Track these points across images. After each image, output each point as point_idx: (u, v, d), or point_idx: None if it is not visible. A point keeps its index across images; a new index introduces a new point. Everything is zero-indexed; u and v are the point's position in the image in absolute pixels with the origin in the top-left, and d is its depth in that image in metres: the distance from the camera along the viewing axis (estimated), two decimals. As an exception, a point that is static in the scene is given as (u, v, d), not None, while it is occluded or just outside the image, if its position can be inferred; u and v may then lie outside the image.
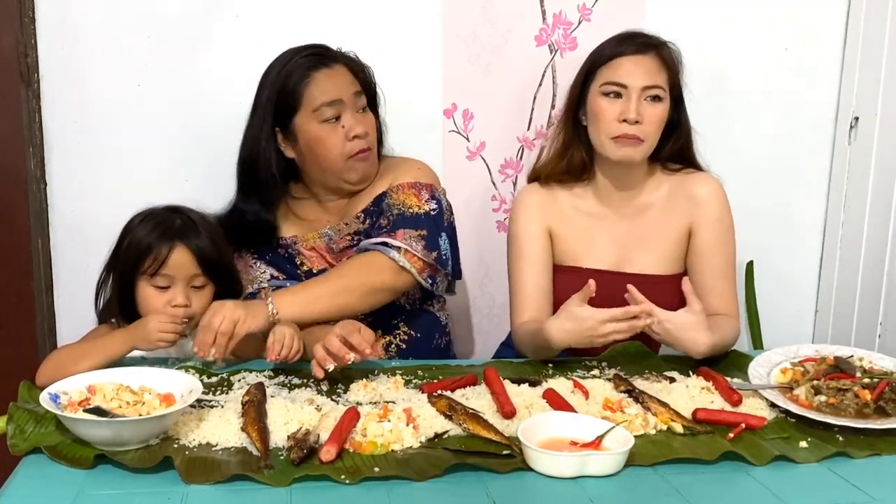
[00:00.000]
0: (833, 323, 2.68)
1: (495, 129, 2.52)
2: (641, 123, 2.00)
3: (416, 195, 2.05)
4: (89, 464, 1.38)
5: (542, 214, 2.13)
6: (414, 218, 2.02)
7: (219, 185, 2.33)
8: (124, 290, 1.86)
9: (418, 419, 1.53)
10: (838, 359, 1.75)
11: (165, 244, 1.83)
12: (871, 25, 2.50)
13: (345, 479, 1.36)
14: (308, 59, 2.02)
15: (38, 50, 2.28)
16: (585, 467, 1.39)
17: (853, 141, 2.58)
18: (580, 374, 1.84)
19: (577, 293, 1.85)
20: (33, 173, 2.31)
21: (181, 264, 1.84)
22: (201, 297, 1.88)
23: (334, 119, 2.00)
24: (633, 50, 2.03)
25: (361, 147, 2.02)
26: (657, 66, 2.04)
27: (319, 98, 1.99)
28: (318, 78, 2.00)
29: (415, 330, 2.07)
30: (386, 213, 2.04)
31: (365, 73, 2.10)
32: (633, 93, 2.00)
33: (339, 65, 2.03)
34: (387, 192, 2.07)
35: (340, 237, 2.08)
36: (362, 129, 2.01)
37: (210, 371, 1.80)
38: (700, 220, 2.08)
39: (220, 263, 1.90)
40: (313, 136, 2.01)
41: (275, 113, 2.04)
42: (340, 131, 2.00)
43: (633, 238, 2.12)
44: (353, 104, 2.02)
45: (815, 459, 1.48)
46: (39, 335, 2.38)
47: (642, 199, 2.13)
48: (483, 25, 2.45)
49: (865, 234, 2.53)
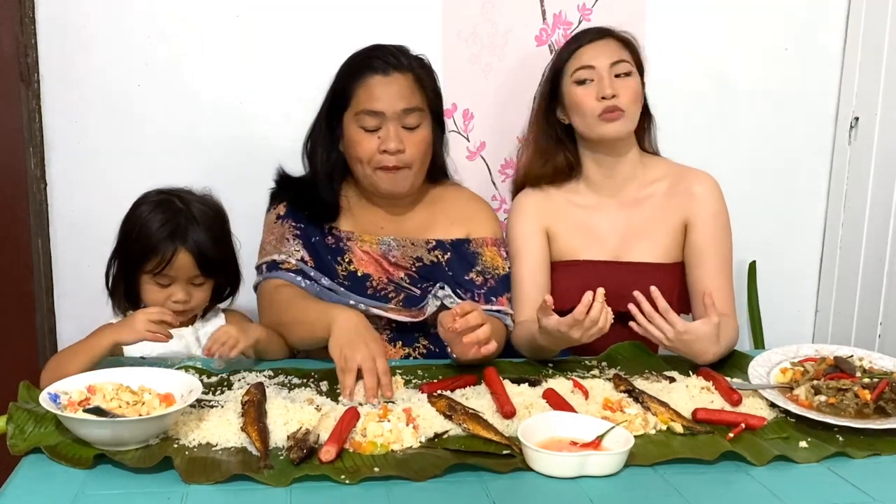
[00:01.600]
0: (833, 323, 2.68)
1: (495, 129, 2.52)
2: (618, 96, 2.05)
3: (500, 255, 2.11)
4: (89, 464, 1.38)
5: (538, 215, 2.16)
6: (504, 280, 2.09)
7: (219, 184, 2.32)
8: (129, 281, 1.94)
9: (418, 419, 1.53)
10: (838, 359, 1.75)
11: (170, 247, 1.89)
12: (871, 25, 2.50)
13: (345, 479, 1.36)
14: (370, 61, 1.99)
15: (38, 50, 2.28)
16: (585, 467, 1.39)
17: (853, 141, 2.58)
18: (580, 374, 1.84)
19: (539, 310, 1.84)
20: (33, 173, 2.31)
21: (183, 267, 1.91)
22: (200, 292, 1.96)
23: (374, 129, 1.98)
24: (590, 38, 2.11)
25: (390, 163, 1.98)
26: (617, 45, 2.11)
27: (364, 104, 1.97)
28: (371, 84, 1.98)
29: (434, 344, 2.04)
30: (474, 266, 2.07)
31: (432, 88, 2.06)
32: (602, 71, 2.07)
33: (399, 74, 1.99)
34: (469, 241, 2.10)
35: (402, 254, 2.05)
36: (395, 146, 1.96)
37: (211, 370, 1.80)
38: (697, 216, 2.11)
39: (220, 261, 1.96)
40: (351, 137, 2.00)
41: (330, 104, 2.04)
42: (375, 140, 1.97)
43: (632, 228, 2.14)
44: (399, 119, 1.97)
45: (814, 459, 1.48)
46: (39, 335, 2.38)
47: (639, 191, 2.16)
48: (483, 25, 2.45)
49: (865, 234, 2.53)
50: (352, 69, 2.01)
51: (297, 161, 2.13)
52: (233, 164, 2.39)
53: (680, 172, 2.16)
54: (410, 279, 2.04)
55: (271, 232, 2.06)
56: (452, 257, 2.06)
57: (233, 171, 2.38)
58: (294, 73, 2.38)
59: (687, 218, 2.12)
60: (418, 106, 2.00)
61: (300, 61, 2.38)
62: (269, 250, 2.03)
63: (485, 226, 2.13)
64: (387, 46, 2.03)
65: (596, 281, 2.02)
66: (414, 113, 1.99)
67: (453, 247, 2.08)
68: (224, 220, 2.02)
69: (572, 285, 2.08)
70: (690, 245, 2.11)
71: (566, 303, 2.08)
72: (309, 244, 2.04)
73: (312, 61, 2.36)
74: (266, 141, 2.39)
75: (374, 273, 2.03)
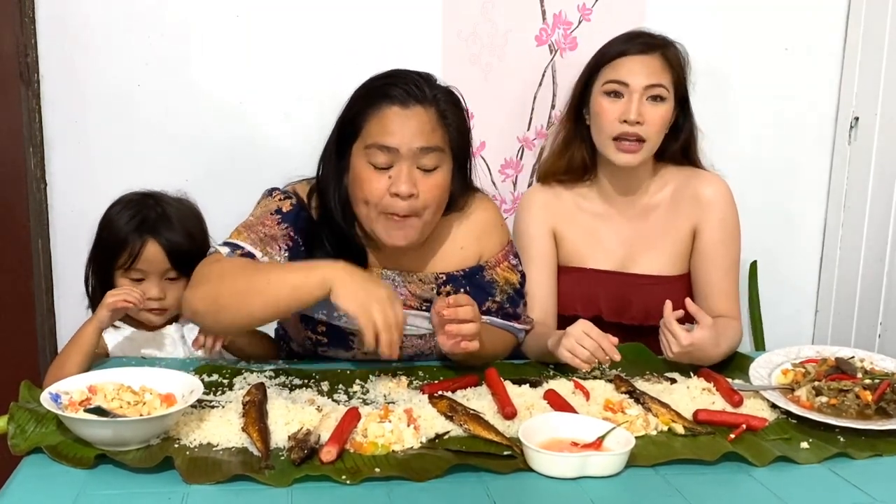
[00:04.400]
0: (833, 323, 2.68)
1: (495, 129, 2.52)
2: (642, 124, 1.99)
3: (511, 267, 1.95)
4: (90, 464, 1.38)
5: (546, 215, 2.13)
6: (520, 289, 1.96)
7: (219, 184, 2.34)
8: (104, 282, 1.94)
9: (419, 420, 1.53)
10: (839, 360, 1.75)
11: (138, 239, 1.91)
12: (871, 25, 2.50)
13: (345, 479, 1.36)
14: (389, 89, 1.75)
15: (38, 50, 2.28)
16: (586, 468, 1.39)
17: (853, 141, 2.58)
18: (581, 375, 1.84)
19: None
20: (33, 173, 2.31)
21: (153, 259, 1.92)
22: (175, 289, 1.95)
23: (385, 168, 1.74)
24: (637, 49, 2.02)
25: (400, 210, 1.73)
26: (660, 65, 2.02)
27: (376, 138, 1.73)
28: (387, 115, 1.73)
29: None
30: (491, 294, 1.90)
31: (457, 126, 1.80)
32: (634, 92, 1.99)
33: (420, 107, 1.74)
34: (483, 268, 1.91)
35: (409, 293, 1.86)
36: (406, 189, 1.71)
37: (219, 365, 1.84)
38: (705, 221, 2.07)
39: (192, 257, 1.85)
40: (357, 173, 1.76)
41: (339, 132, 1.82)
42: (385, 181, 1.73)
43: (639, 239, 2.12)
44: (414, 159, 1.73)
45: (816, 460, 1.48)
46: (39, 335, 2.38)
47: (647, 200, 2.13)
48: (483, 25, 2.45)
49: (865, 234, 2.53)
50: (366, 95, 1.78)
51: (297, 161, 2.11)
52: (233, 164, 2.39)
53: (687, 176, 2.13)
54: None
55: (263, 223, 1.81)
56: (469, 291, 1.86)
57: (233, 171, 2.38)
58: (294, 73, 2.38)
59: (695, 224, 2.08)
60: (438, 145, 1.75)
61: (300, 61, 2.38)
62: (253, 240, 1.76)
63: (494, 240, 1.95)
64: (411, 74, 1.79)
65: (600, 290, 2.03)
66: (432, 153, 1.74)
67: (467, 279, 1.90)
68: (199, 220, 2.03)
69: (576, 293, 2.08)
70: (698, 249, 2.09)
71: (568, 309, 2.09)
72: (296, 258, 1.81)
73: (312, 61, 2.36)
74: (266, 141, 2.39)
75: None
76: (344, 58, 2.31)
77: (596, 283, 2.09)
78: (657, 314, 1.86)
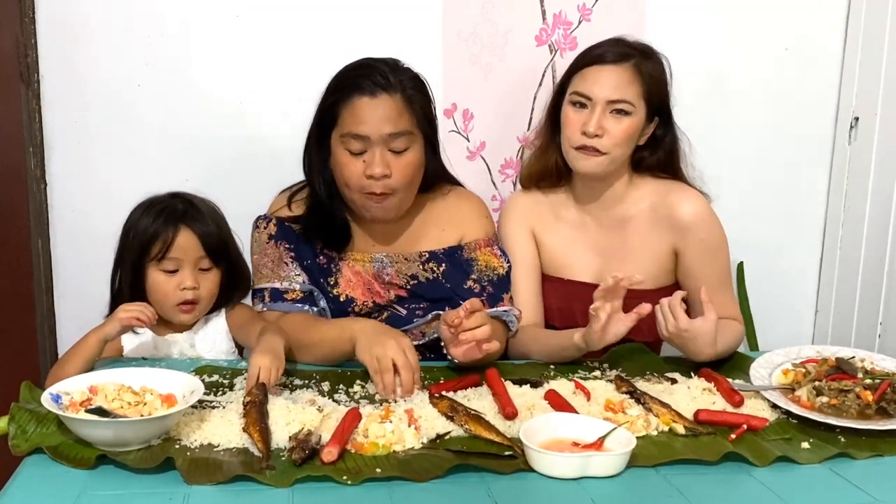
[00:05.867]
0: (833, 323, 2.68)
1: (495, 129, 2.52)
2: (601, 137, 1.96)
3: (494, 255, 2.05)
4: (91, 464, 1.38)
5: (526, 218, 2.14)
6: (503, 280, 2.04)
7: (219, 184, 2.33)
8: (136, 280, 1.92)
9: (420, 420, 1.53)
10: (840, 360, 1.75)
11: (171, 228, 1.90)
12: (871, 25, 2.50)
13: (346, 479, 1.36)
14: (358, 80, 1.90)
15: (38, 50, 2.28)
16: (587, 468, 1.39)
17: (853, 141, 2.58)
18: (582, 376, 1.84)
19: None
20: (33, 173, 2.31)
21: (188, 247, 1.90)
22: (208, 281, 1.94)
23: (359, 153, 1.89)
24: (609, 59, 1.98)
25: (376, 189, 1.89)
26: (629, 78, 1.97)
27: (349, 127, 1.88)
28: (357, 105, 1.88)
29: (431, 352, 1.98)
30: (470, 273, 2.02)
31: (423, 108, 1.94)
32: (597, 105, 1.96)
33: (387, 95, 1.88)
34: (462, 247, 2.04)
35: (396, 271, 2.01)
36: (380, 171, 1.87)
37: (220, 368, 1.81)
38: (685, 242, 2.02)
39: (224, 247, 1.96)
40: (337, 158, 1.93)
41: (319, 122, 1.97)
42: (361, 164, 1.89)
43: (615, 250, 2.09)
44: (385, 143, 1.88)
45: (816, 460, 1.48)
46: (39, 335, 2.38)
47: (623, 211, 2.09)
48: (483, 25, 2.45)
49: (865, 234, 2.53)
50: (339, 87, 1.93)
51: (296, 161, 2.11)
52: (233, 164, 2.39)
53: (664, 191, 2.06)
54: (399, 299, 2.01)
55: (265, 253, 2.00)
56: (448, 268, 2.02)
57: (233, 170, 2.38)
58: (294, 73, 2.38)
59: (674, 245, 2.04)
60: (406, 129, 1.90)
61: (300, 61, 2.38)
62: (267, 275, 1.99)
63: (476, 226, 2.07)
64: (377, 63, 1.93)
65: (577, 301, 2.02)
66: (401, 137, 1.89)
67: (447, 256, 2.03)
68: (222, 215, 2.03)
69: (553, 304, 2.09)
70: (683, 268, 2.04)
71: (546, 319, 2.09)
72: (304, 266, 2.00)
73: (312, 61, 2.35)
74: (266, 141, 2.39)
75: (360, 297, 1.99)
76: (344, 58, 2.29)
77: (572, 294, 2.08)
78: (636, 328, 1.83)
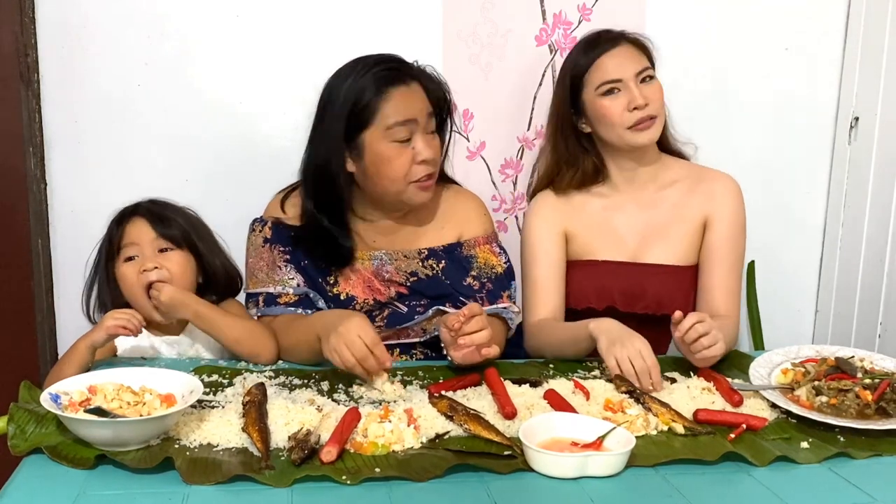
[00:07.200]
0: (833, 323, 2.68)
1: (495, 129, 2.52)
2: (649, 104, 2.04)
3: (493, 253, 2.07)
4: (90, 464, 1.38)
5: (556, 216, 2.15)
6: (503, 278, 2.06)
7: (219, 185, 2.34)
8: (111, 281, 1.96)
9: (419, 420, 1.53)
10: (839, 359, 1.75)
11: (125, 221, 1.96)
12: (871, 25, 2.50)
13: (346, 479, 1.36)
14: (386, 74, 1.92)
15: (38, 50, 2.28)
16: (586, 468, 1.39)
17: (853, 141, 2.58)
18: (581, 375, 1.84)
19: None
20: (33, 173, 2.31)
21: (140, 231, 1.95)
22: (170, 261, 1.94)
23: (406, 140, 1.92)
24: (608, 47, 2.07)
25: (427, 172, 1.94)
26: (634, 51, 2.09)
27: (394, 116, 1.90)
28: (395, 95, 1.91)
29: (430, 349, 2.02)
30: (469, 270, 2.04)
31: (440, 91, 2.02)
32: (629, 81, 2.04)
33: (415, 82, 1.95)
34: (461, 244, 2.06)
35: (395, 268, 2.02)
36: (431, 155, 1.92)
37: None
38: (715, 215, 2.11)
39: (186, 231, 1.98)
40: (381, 154, 1.91)
41: (346, 125, 1.93)
42: (409, 153, 1.91)
43: (650, 228, 2.14)
44: (426, 126, 1.94)
45: (816, 460, 1.48)
46: (39, 335, 2.38)
47: (658, 190, 2.16)
48: (483, 25, 2.45)
49: (865, 234, 2.53)
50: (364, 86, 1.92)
51: (296, 161, 2.11)
52: (233, 164, 2.39)
53: (699, 173, 2.17)
54: (400, 296, 2.01)
55: (260, 257, 2.01)
56: (447, 265, 2.03)
57: (233, 170, 2.38)
58: (294, 73, 2.38)
59: (706, 216, 2.12)
60: (433, 110, 1.98)
61: (300, 61, 2.38)
62: (262, 279, 1.99)
63: (475, 224, 2.10)
64: (384, 57, 1.97)
65: (613, 281, 2.05)
66: (433, 118, 1.97)
67: (446, 253, 2.04)
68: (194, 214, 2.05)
69: (589, 285, 2.11)
70: (706, 244, 2.12)
71: (581, 302, 2.12)
72: (300, 268, 2.00)
73: (312, 61, 2.35)
74: (266, 141, 2.40)
75: (361, 295, 2.00)
76: (344, 58, 2.29)
77: (608, 274, 2.11)
78: (670, 303, 1.94)
